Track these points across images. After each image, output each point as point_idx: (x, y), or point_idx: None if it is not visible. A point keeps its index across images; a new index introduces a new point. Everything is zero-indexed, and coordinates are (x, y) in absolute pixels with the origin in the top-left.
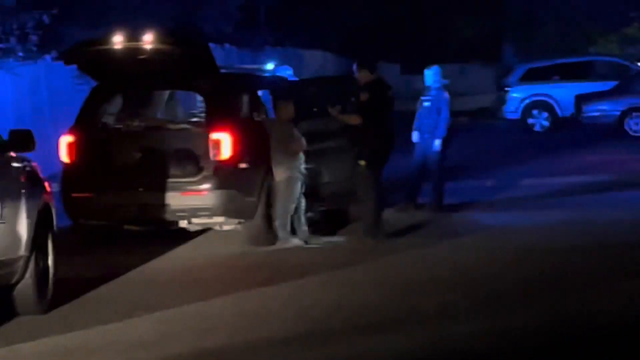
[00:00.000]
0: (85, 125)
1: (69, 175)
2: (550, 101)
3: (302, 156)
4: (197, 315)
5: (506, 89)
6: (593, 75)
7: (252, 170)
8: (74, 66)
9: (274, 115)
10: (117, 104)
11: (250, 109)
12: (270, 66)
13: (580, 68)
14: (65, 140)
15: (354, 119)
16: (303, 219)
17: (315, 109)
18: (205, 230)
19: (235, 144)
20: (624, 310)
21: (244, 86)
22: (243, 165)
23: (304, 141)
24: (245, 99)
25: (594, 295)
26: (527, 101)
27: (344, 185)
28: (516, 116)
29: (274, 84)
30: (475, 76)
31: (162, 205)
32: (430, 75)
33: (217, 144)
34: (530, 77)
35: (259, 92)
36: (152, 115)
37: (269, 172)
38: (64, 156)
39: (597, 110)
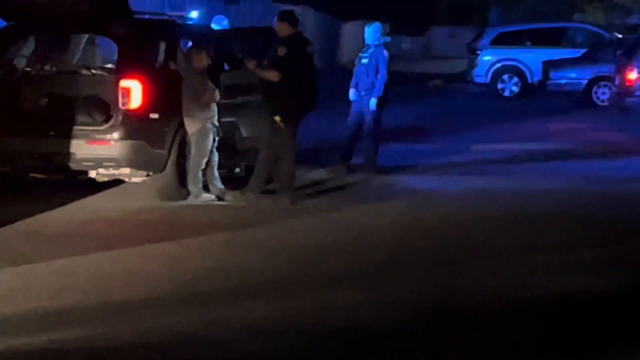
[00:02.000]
0: None
1: None
2: (521, 66)
3: (214, 108)
4: (63, 271)
5: (477, 52)
6: (566, 41)
7: (164, 121)
8: None
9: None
10: (29, 46)
11: (167, 58)
12: (194, 14)
13: (553, 34)
14: None
15: (272, 75)
16: (216, 174)
17: (238, 61)
18: (121, 182)
19: (145, 93)
20: (513, 286)
21: (161, 33)
22: (154, 116)
23: (217, 93)
24: (162, 46)
25: (492, 268)
26: (497, 65)
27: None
28: (485, 80)
29: (196, 32)
30: (463, 40)
31: (67, 154)
32: (371, 31)
33: (126, 91)
34: (501, 41)
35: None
36: (67, 60)
37: (183, 123)
38: None
39: (565, 77)
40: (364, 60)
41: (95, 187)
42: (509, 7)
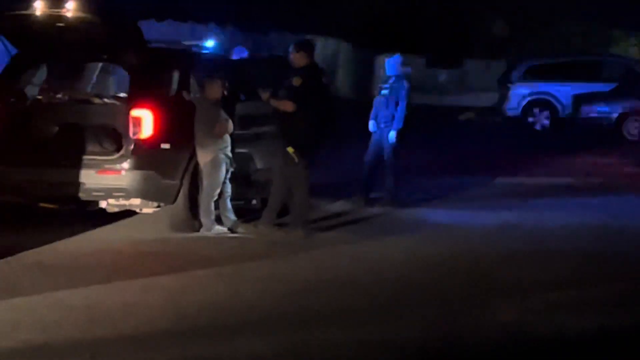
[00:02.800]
0: (2, 95)
1: None
2: (552, 100)
3: (227, 139)
4: (58, 304)
5: (508, 85)
6: (598, 75)
7: (176, 151)
8: None
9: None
10: (42, 74)
11: (180, 87)
12: (210, 43)
13: (584, 68)
14: None
15: (286, 105)
16: (229, 206)
17: (254, 91)
18: (133, 213)
19: (157, 123)
20: (523, 325)
21: (175, 62)
22: (165, 146)
23: (230, 123)
24: (175, 76)
25: (502, 306)
26: (528, 99)
27: None
28: (516, 113)
29: (211, 62)
30: (498, 73)
31: (76, 184)
32: (391, 63)
33: (137, 121)
34: (533, 74)
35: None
36: (80, 89)
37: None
38: None
39: (595, 111)
40: (384, 92)
41: (106, 217)
42: (543, 41)
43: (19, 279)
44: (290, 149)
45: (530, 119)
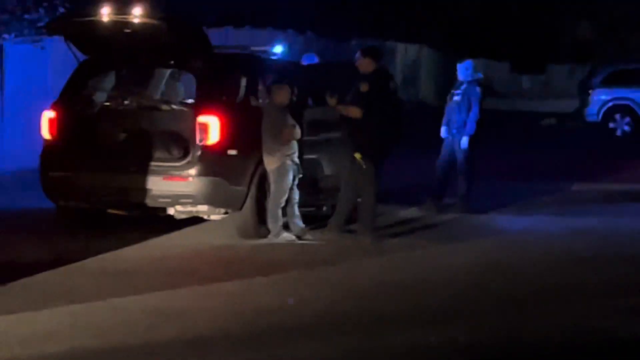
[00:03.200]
0: (69, 100)
1: (48, 153)
2: (634, 106)
3: (295, 145)
4: (116, 309)
5: (589, 91)
6: None
7: (243, 157)
8: None
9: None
10: (110, 81)
11: (248, 93)
12: (278, 49)
13: None
14: (47, 116)
15: (354, 111)
16: (296, 212)
17: (323, 97)
18: (201, 219)
19: (224, 129)
20: (581, 331)
21: (242, 68)
22: (232, 152)
23: (298, 129)
24: (243, 81)
25: (565, 312)
26: (609, 104)
27: None
28: (597, 119)
29: (279, 68)
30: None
31: (143, 190)
32: (463, 68)
33: (204, 127)
34: (614, 80)
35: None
36: (149, 95)
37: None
38: (45, 132)
39: None
40: (456, 98)
41: (175, 224)
42: (630, 45)
43: (80, 285)
44: (357, 155)
45: (612, 125)
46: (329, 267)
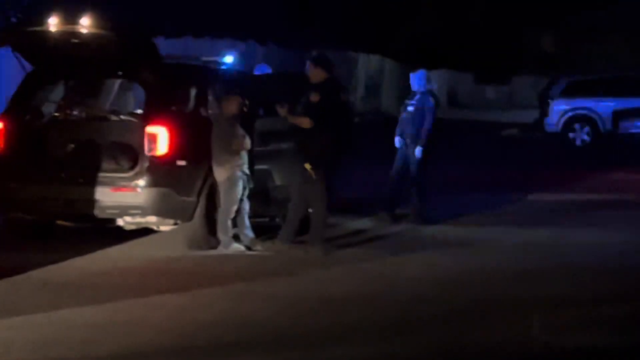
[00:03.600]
0: (17, 112)
1: None
2: (593, 116)
3: (245, 155)
4: (58, 322)
5: (549, 101)
6: (638, 91)
7: (192, 168)
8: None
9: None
10: (59, 91)
11: (197, 103)
12: (229, 59)
13: (624, 84)
14: None
15: (304, 122)
16: (247, 223)
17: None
18: (151, 231)
19: (172, 139)
20: (524, 343)
21: (191, 78)
22: (181, 163)
23: (248, 140)
24: (192, 92)
25: (508, 324)
26: (568, 114)
27: None
28: (557, 129)
29: (229, 78)
30: None
31: (91, 201)
32: (416, 79)
33: (152, 138)
34: (573, 90)
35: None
36: (98, 106)
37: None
38: None
39: (635, 127)
40: (410, 108)
41: (124, 235)
42: (592, 57)
43: (22, 297)
44: (307, 166)
45: (571, 135)
46: (275, 279)
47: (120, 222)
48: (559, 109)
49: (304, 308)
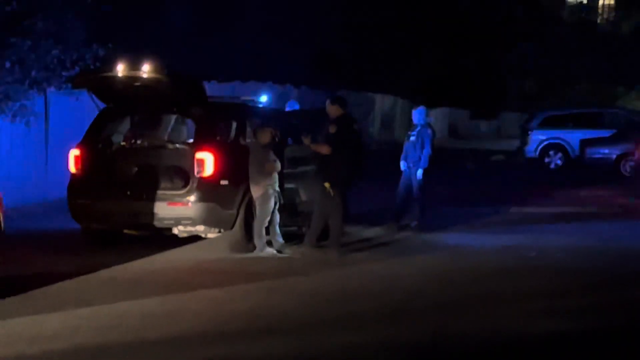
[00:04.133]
0: (91, 141)
1: (73, 184)
2: (564, 144)
3: (276, 176)
4: (115, 312)
5: (528, 132)
6: (601, 124)
7: (233, 186)
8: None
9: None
10: (126, 124)
11: (237, 134)
12: (264, 98)
13: (591, 117)
14: (72, 154)
15: (324, 149)
16: (277, 231)
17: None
18: (202, 238)
19: (217, 163)
20: (501, 330)
21: (232, 113)
22: (224, 182)
23: (278, 164)
24: (233, 124)
25: (489, 314)
26: (544, 143)
27: None
28: (534, 155)
29: (263, 113)
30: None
31: (151, 214)
32: (417, 114)
33: (201, 162)
34: (548, 123)
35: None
36: (158, 136)
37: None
38: (71, 167)
39: (598, 153)
40: (412, 138)
41: (179, 242)
42: (563, 97)
43: (90, 292)
44: (327, 184)
45: (547, 160)
46: (299, 277)
47: (175, 230)
48: (537, 139)
49: (322, 300)
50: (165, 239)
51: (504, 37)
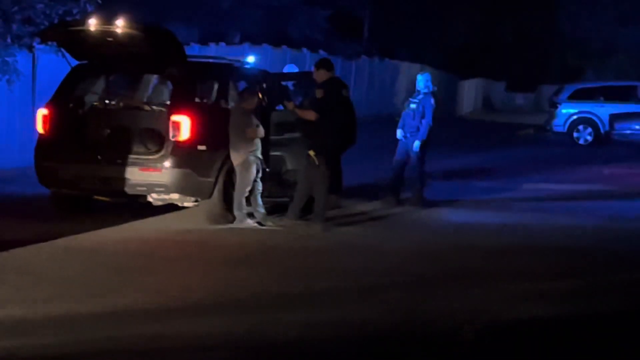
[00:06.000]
0: (61, 100)
1: (41, 146)
2: (594, 118)
3: (258, 142)
4: (60, 281)
5: (557, 105)
6: (633, 98)
7: (211, 152)
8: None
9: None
10: (100, 84)
11: (219, 96)
12: (251, 59)
13: (623, 91)
14: (41, 113)
15: (310, 114)
16: (259, 201)
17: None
18: (178, 207)
19: (194, 126)
20: (477, 311)
21: (214, 75)
22: (201, 147)
23: (261, 129)
24: (215, 86)
25: (468, 294)
26: (573, 117)
27: None
28: (563, 130)
29: (249, 75)
30: None
31: (122, 179)
32: (422, 80)
33: (176, 125)
34: (578, 96)
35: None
36: (136, 97)
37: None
38: (39, 127)
39: (629, 128)
40: (413, 105)
41: (156, 210)
42: (602, 70)
43: (41, 261)
44: (311, 153)
45: (576, 135)
46: (276, 251)
47: (149, 198)
48: (565, 113)
49: (293, 276)
50: (142, 208)
51: (545, 2)
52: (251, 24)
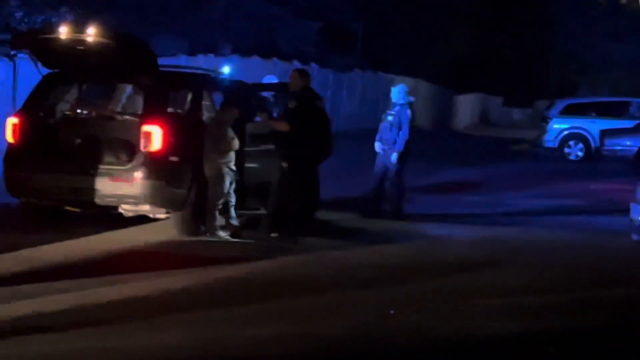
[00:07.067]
0: (31, 109)
1: (9, 155)
2: (586, 134)
3: (232, 154)
4: (25, 295)
5: (548, 120)
6: (625, 114)
7: (184, 163)
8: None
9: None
10: (73, 92)
11: (192, 106)
12: (226, 69)
13: (614, 107)
14: (10, 122)
15: (282, 125)
16: (232, 214)
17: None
18: (150, 219)
19: (165, 137)
20: (445, 326)
21: (187, 85)
22: (173, 158)
23: (236, 141)
24: (188, 96)
25: (438, 309)
26: (564, 132)
27: None
28: (554, 145)
29: (224, 85)
30: None
31: (91, 190)
32: (396, 91)
33: (147, 135)
34: (569, 111)
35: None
36: (108, 106)
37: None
38: (9, 136)
39: (618, 144)
40: (389, 118)
41: (128, 222)
42: (597, 85)
43: (3, 271)
44: (284, 164)
45: (566, 150)
46: (245, 264)
47: (120, 209)
48: (556, 128)
49: (257, 289)
50: (114, 219)
51: (542, 17)
52: (241, 35)
